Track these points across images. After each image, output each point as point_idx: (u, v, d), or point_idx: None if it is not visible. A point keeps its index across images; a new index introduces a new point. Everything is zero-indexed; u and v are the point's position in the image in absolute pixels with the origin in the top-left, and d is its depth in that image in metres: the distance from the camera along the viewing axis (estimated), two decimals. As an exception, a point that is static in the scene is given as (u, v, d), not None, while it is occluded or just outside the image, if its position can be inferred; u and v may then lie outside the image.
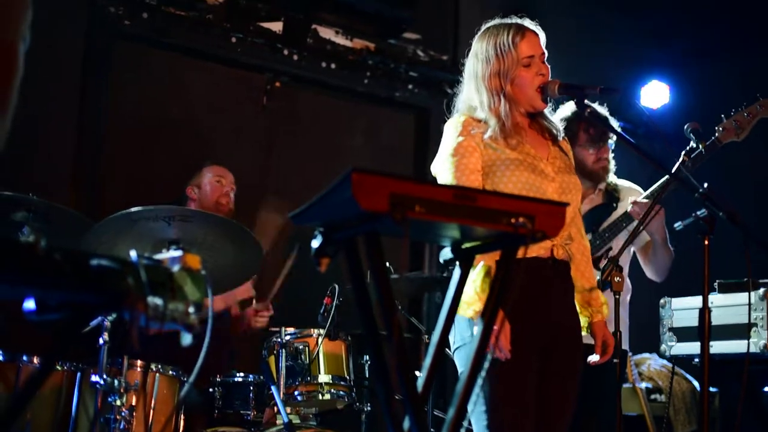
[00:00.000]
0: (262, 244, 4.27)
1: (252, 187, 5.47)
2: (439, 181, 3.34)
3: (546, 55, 3.42)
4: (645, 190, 4.40)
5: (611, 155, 4.54)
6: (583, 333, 3.43)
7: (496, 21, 3.47)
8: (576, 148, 4.18)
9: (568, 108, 4.26)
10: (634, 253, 4.58)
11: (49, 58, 5.20)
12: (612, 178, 4.62)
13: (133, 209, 3.84)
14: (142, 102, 5.78)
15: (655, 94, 7.13)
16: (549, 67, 3.41)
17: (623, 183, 4.62)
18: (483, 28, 3.48)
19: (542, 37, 3.44)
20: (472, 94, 3.45)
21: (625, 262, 4.45)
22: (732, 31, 7.46)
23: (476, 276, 3.13)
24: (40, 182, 4.94)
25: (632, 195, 4.49)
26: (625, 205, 4.43)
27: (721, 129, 4.13)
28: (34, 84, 4.79)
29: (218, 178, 5.18)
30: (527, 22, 3.44)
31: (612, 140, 4.51)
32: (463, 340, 3.28)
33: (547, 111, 3.51)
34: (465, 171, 3.28)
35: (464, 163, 3.29)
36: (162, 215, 3.88)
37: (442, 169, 3.34)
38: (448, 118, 3.47)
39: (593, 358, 3.41)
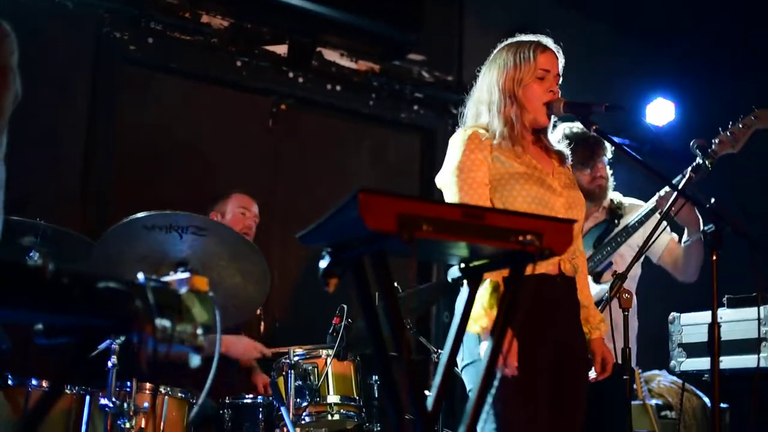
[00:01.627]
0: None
1: (259, 210, 5.47)
2: (445, 195, 3.35)
3: (561, 78, 3.45)
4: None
5: (609, 172, 4.55)
6: None
7: (520, 37, 3.49)
8: None
9: (558, 132, 4.25)
10: (641, 270, 4.58)
11: (56, 83, 5.23)
12: (616, 196, 4.63)
13: (144, 214, 3.78)
14: (149, 126, 5.80)
15: (660, 112, 7.13)
16: (560, 91, 3.43)
17: (628, 200, 4.63)
18: (506, 42, 3.51)
19: (561, 60, 3.47)
20: (482, 96, 3.47)
21: (632, 279, 4.44)
22: (739, 49, 7.47)
23: (484, 291, 3.12)
24: (49, 207, 4.95)
25: (636, 212, 4.49)
26: (626, 221, 4.44)
27: (717, 141, 4.14)
28: (41, 109, 4.83)
29: (243, 210, 5.20)
30: (550, 42, 3.47)
31: (607, 157, 4.52)
32: (471, 357, 3.26)
33: (550, 136, 3.53)
34: (473, 185, 3.28)
35: (472, 178, 3.29)
36: (178, 224, 3.82)
37: (449, 184, 3.34)
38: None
39: (591, 374, 3.41)
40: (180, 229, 3.84)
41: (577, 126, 4.29)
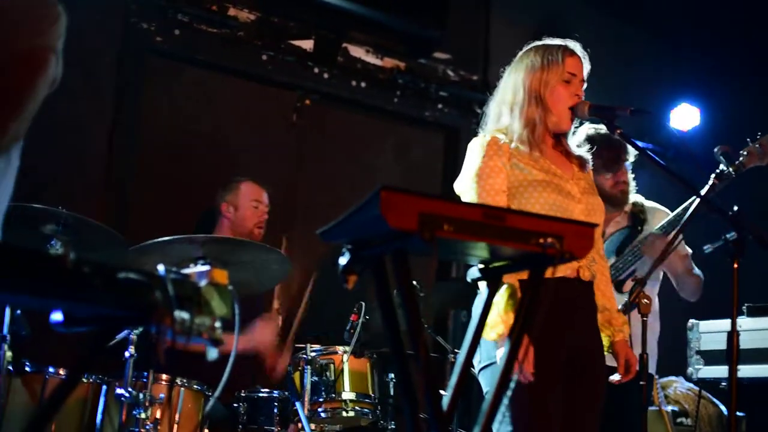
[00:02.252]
0: None
1: (280, 205, 5.48)
2: (463, 201, 3.33)
3: (585, 84, 3.43)
4: (673, 211, 4.37)
5: (630, 177, 4.52)
6: (605, 353, 3.41)
7: (547, 40, 3.49)
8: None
9: (581, 134, 4.24)
10: (663, 275, 4.55)
11: (82, 73, 5.24)
12: (638, 198, 4.60)
13: (165, 239, 4.02)
14: (174, 117, 5.81)
15: (685, 117, 7.09)
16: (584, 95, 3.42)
17: (650, 204, 4.60)
18: (532, 44, 3.50)
19: (587, 65, 3.46)
20: (506, 97, 3.45)
21: (653, 285, 4.41)
22: (763, 52, 7.41)
23: (500, 298, 3.10)
24: (72, 195, 4.97)
25: (659, 216, 4.46)
26: (650, 228, 4.40)
27: (745, 153, 4.09)
28: (67, 98, 4.85)
29: (256, 203, 5.19)
30: (578, 47, 3.46)
31: (629, 162, 4.50)
32: (489, 359, 3.25)
33: (570, 140, 3.52)
34: (491, 192, 3.27)
35: (490, 185, 3.28)
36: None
37: (467, 190, 3.33)
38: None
39: (615, 377, 3.40)
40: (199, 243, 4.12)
41: (602, 128, 4.27)
